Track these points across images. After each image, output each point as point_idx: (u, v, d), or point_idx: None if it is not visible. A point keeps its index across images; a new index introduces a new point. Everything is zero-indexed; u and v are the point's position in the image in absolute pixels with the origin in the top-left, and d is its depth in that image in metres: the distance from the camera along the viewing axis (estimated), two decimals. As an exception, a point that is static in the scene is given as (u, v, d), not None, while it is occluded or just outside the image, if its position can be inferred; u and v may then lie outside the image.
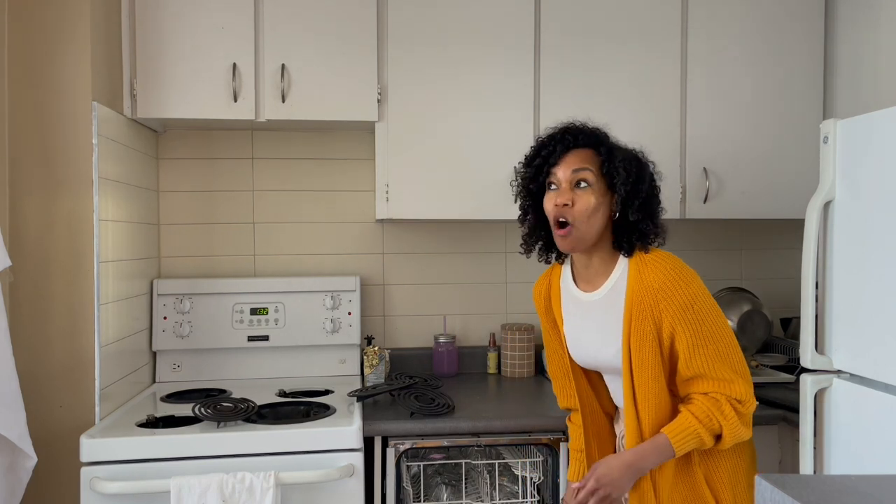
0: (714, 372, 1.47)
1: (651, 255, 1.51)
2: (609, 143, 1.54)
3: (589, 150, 1.52)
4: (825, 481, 0.74)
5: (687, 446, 1.46)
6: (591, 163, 1.50)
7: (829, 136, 1.68)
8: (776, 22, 2.42)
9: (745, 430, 1.48)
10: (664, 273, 1.46)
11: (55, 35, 1.92)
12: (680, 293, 1.45)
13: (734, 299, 2.60)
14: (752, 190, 2.41)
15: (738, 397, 1.46)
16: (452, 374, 2.57)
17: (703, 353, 1.47)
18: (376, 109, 2.28)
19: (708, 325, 1.46)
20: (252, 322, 2.46)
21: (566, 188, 1.49)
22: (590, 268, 1.57)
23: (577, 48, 2.33)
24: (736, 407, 1.46)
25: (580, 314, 1.60)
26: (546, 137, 1.56)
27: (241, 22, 2.22)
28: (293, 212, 2.62)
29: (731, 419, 1.45)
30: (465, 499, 2.07)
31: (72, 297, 1.93)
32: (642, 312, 1.48)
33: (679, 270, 1.47)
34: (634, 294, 1.49)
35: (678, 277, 1.46)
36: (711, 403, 1.45)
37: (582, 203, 1.48)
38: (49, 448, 1.91)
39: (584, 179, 1.49)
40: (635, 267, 1.50)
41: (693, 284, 1.47)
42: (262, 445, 1.84)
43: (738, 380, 1.47)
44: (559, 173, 1.51)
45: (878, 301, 1.53)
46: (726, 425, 1.44)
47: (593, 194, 1.49)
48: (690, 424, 1.45)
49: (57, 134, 1.92)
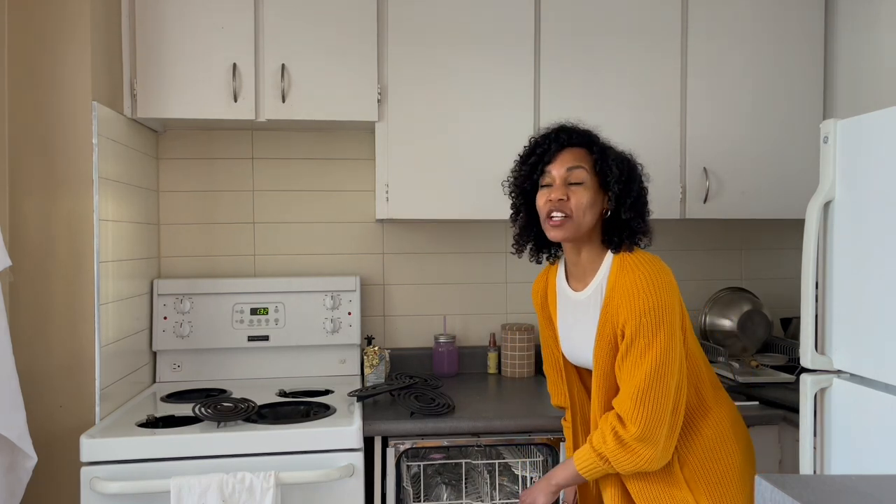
0: (625, 384, 1.46)
1: (634, 257, 1.52)
2: (601, 143, 1.58)
3: (582, 150, 1.56)
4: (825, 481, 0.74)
5: (593, 472, 1.50)
6: (584, 161, 1.54)
7: (829, 136, 1.68)
8: (776, 22, 2.42)
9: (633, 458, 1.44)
10: (637, 275, 1.47)
11: (55, 35, 1.92)
12: (642, 299, 1.45)
13: (734, 299, 2.60)
14: (752, 190, 2.41)
15: (622, 415, 1.44)
16: (452, 374, 2.57)
17: (631, 362, 1.45)
18: (376, 109, 2.28)
19: (644, 341, 1.44)
20: (252, 322, 2.46)
21: (560, 185, 1.53)
22: (578, 265, 1.60)
23: (577, 48, 2.33)
24: (617, 430, 1.44)
25: (571, 312, 1.63)
26: (540, 137, 1.60)
27: (241, 22, 2.22)
28: (293, 212, 2.62)
29: (610, 446, 1.44)
30: (465, 499, 2.07)
31: (72, 297, 1.93)
32: (608, 312, 1.50)
33: (653, 277, 1.46)
34: (609, 294, 1.52)
35: (649, 284, 1.46)
36: (602, 427, 1.48)
37: (577, 198, 1.52)
38: (49, 448, 1.91)
39: (578, 177, 1.53)
40: (616, 267, 1.53)
41: (660, 296, 1.45)
42: (262, 445, 1.84)
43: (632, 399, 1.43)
44: (554, 171, 1.54)
45: (878, 301, 1.53)
46: (607, 453, 1.46)
47: (587, 191, 1.53)
48: (588, 452, 1.49)
49: (57, 134, 1.92)
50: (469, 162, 2.31)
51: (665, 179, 2.36)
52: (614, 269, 1.53)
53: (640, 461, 1.44)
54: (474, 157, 2.31)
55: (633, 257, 1.52)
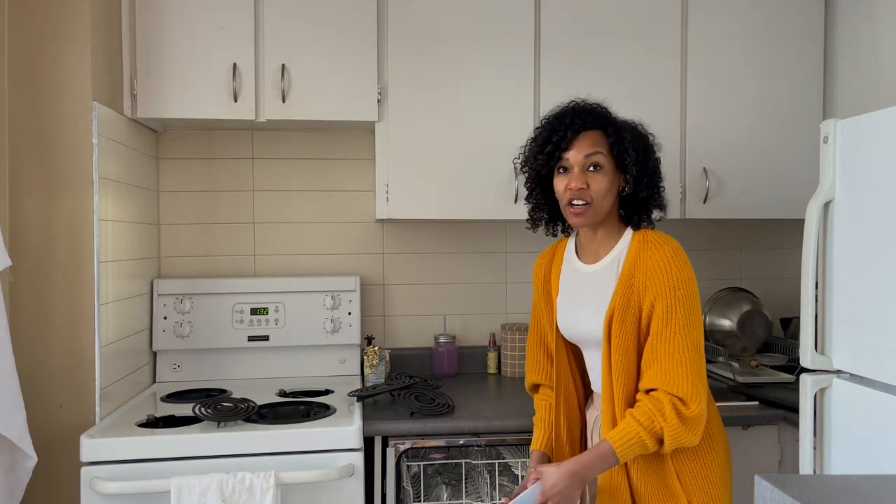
0: (669, 361, 1.44)
1: (655, 235, 1.55)
2: (616, 124, 1.57)
3: (598, 132, 1.56)
4: (825, 481, 0.74)
5: (630, 453, 1.43)
6: (601, 145, 1.54)
7: (829, 136, 1.68)
8: (776, 22, 2.42)
9: (690, 435, 1.43)
10: (662, 253, 1.50)
11: (55, 35, 1.92)
12: (671, 274, 1.47)
13: (734, 299, 2.60)
14: (752, 190, 2.41)
15: (682, 396, 1.42)
16: (452, 374, 2.57)
17: (669, 337, 1.45)
18: (376, 109, 2.28)
19: (683, 315, 1.46)
20: (252, 322, 2.46)
21: (579, 172, 1.53)
22: (594, 241, 1.61)
23: (576, 48, 2.33)
24: (679, 408, 1.42)
25: (577, 285, 1.62)
26: (554, 121, 1.58)
27: (241, 22, 2.22)
28: (293, 212, 2.62)
29: (671, 423, 1.41)
30: (465, 499, 2.07)
31: (72, 297, 1.93)
32: (632, 286, 1.50)
33: (677, 256, 1.50)
34: (630, 268, 1.52)
35: (674, 260, 1.49)
36: (654, 405, 1.43)
37: (596, 185, 1.52)
38: (49, 448, 1.91)
39: (596, 163, 1.53)
40: (637, 243, 1.54)
41: (685, 272, 1.48)
42: (262, 445, 1.84)
43: (688, 378, 1.43)
44: (571, 158, 1.54)
45: (878, 301, 1.53)
46: (667, 429, 1.41)
47: (606, 176, 1.53)
48: (633, 430, 1.42)
49: (57, 134, 1.92)
50: (469, 162, 2.31)
51: (665, 180, 2.35)
52: (635, 245, 1.54)
53: (696, 437, 1.44)
54: (474, 157, 2.31)
55: (654, 234, 1.55)
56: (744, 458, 2.04)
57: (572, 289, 1.64)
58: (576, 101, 1.61)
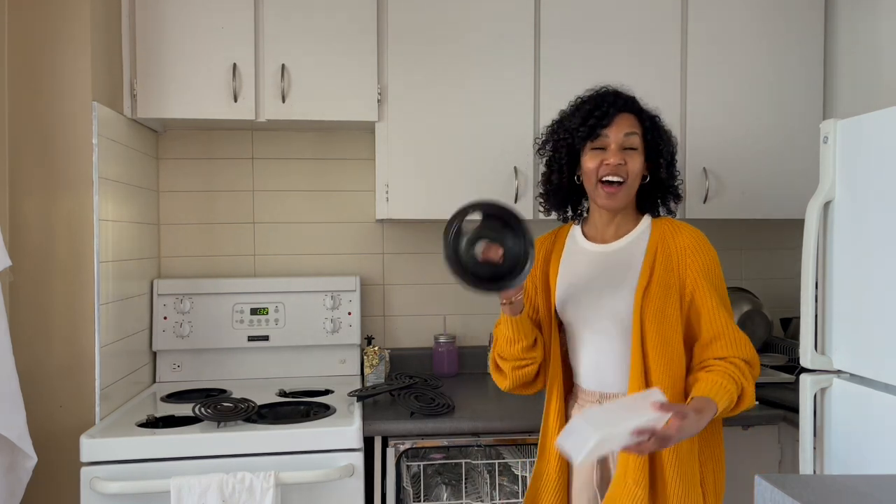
0: (731, 332, 1.52)
1: (679, 221, 1.62)
2: (646, 112, 1.63)
3: (633, 116, 1.60)
4: (825, 481, 0.74)
5: (723, 404, 1.43)
6: (637, 128, 1.59)
7: (829, 136, 1.68)
8: (776, 22, 2.42)
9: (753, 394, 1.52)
10: (694, 236, 1.58)
11: (55, 35, 1.92)
12: (706, 255, 1.57)
13: (734, 299, 2.60)
14: (752, 190, 2.41)
15: (750, 360, 1.51)
16: (452, 374, 2.57)
17: (724, 311, 1.54)
18: (376, 109, 2.28)
19: (723, 291, 1.57)
20: (252, 322, 2.46)
21: (616, 149, 1.56)
22: (611, 224, 1.64)
23: (576, 48, 2.33)
24: (748, 373, 1.50)
25: (586, 265, 1.63)
26: (597, 97, 1.61)
27: (241, 22, 2.22)
28: (293, 212, 2.62)
29: (750, 381, 1.49)
30: (465, 499, 2.07)
31: (72, 297, 1.93)
32: (669, 267, 1.55)
33: (705, 239, 1.60)
34: (661, 250, 1.57)
35: (705, 243, 1.59)
36: (732, 366, 1.48)
37: (632, 164, 1.57)
38: (49, 448, 1.91)
39: (633, 143, 1.58)
40: (661, 228, 1.60)
41: (714, 253, 1.59)
42: (262, 445, 1.84)
43: (750, 345, 1.53)
44: (612, 134, 1.57)
45: (878, 301, 1.53)
46: (748, 386, 1.48)
47: (640, 157, 1.58)
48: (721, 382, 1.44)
49: (57, 134, 1.92)
50: (469, 162, 2.31)
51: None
52: (658, 229, 1.60)
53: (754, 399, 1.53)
54: (474, 157, 2.31)
55: (679, 222, 1.62)
56: (744, 458, 2.04)
57: (580, 268, 1.64)
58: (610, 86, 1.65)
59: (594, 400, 1.60)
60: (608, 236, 1.65)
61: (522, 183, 2.32)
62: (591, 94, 1.63)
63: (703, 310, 1.53)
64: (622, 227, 1.64)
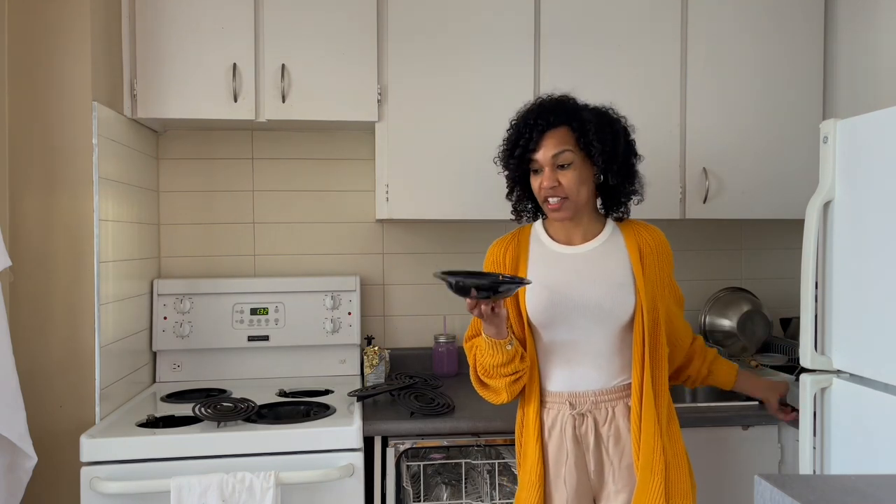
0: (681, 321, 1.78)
1: (641, 221, 1.71)
2: (580, 117, 1.59)
3: (564, 129, 1.59)
4: (825, 481, 0.74)
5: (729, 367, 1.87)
6: (567, 143, 1.58)
7: (829, 136, 1.68)
8: (776, 22, 2.42)
9: None
10: (657, 232, 1.69)
11: (55, 35, 1.92)
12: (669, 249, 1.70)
13: (734, 299, 2.60)
14: (752, 190, 2.41)
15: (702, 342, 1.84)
16: (452, 374, 2.57)
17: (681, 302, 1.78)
18: (376, 109, 2.28)
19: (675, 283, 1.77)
20: (252, 322, 2.46)
21: (549, 172, 1.58)
22: (578, 226, 1.66)
23: (576, 48, 2.33)
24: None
25: (562, 266, 1.62)
26: (521, 123, 1.62)
27: (241, 22, 2.22)
28: (293, 212, 2.62)
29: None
30: (464, 499, 2.07)
31: (72, 297, 1.93)
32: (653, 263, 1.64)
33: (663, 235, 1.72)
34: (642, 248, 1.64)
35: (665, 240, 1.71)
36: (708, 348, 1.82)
37: (567, 181, 1.58)
38: (49, 448, 1.91)
39: (564, 160, 1.58)
40: (627, 227, 1.68)
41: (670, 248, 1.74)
42: (262, 445, 1.84)
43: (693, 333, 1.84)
44: (540, 159, 1.59)
45: (878, 301, 1.53)
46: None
47: (575, 170, 1.58)
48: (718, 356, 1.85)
49: (57, 134, 1.92)
50: (469, 162, 2.31)
51: (665, 179, 2.36)
52: (627, 229, 1.67)
53: None
54: (474, 157, 2.31)
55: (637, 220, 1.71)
56: (744, 458, 2.04)
57: (562, 270, 1.62)
58: (542, 97, 1.65)
59: (562, 401, 1.60)
60: (575, 239, 1.66)
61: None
62: (518, 117, 1.64)
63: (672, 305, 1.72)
64: (589, 231, 1.66)
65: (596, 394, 1.59)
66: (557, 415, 1.61)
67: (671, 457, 1.57)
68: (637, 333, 1.59)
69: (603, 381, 1.60)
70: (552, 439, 1.61)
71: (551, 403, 1.62)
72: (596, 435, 1.58)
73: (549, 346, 1.63)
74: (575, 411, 1.59)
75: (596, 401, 1.59)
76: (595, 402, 1.59)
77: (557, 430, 1.60)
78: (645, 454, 1.55)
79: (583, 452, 1.59)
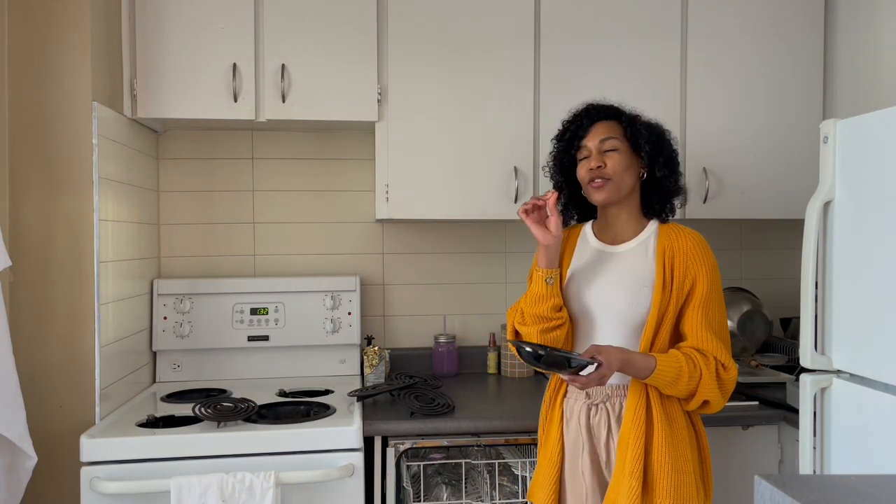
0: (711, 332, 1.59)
1: (682, 226, 1.69)
2: (628, 113, 1.71)
3: (612, 122, 1.70)
4: (825, 481, 0.74)
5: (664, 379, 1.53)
6: (615, 131, 1.68)
7: (829, 136, 1.68)
8: (776, 22, 2.42)
9: (719, 396, 1.57)
10: (697, 239, 1.65)
11: (55, 35, 1.92)
12: (709, 258, 1.64)
13: (734, 299, 2.60)
14: (752, 190, 2.41)
15: (724, 362, 1.58)
16: (452, 374, 2.57)
17: (711, 312, 1.60)
18: (376, 109, 2.28)
19: (719, 296, 1.64)
20: (252, 322, 2.46)
21: (596, 154, 1.66)
22: (617, 224, 1.71)
23: (576, 48, 2.33)
24: (719, 369, 1.57)
25: (600, 262, 1.70)
26: (572, 116, 1.75)
27: (241, 22, 2.22)
28: (293, 212, 2.62)
29: (711, 373, 1.55)
30: (465, 499, 2.07)
31: (72, 297, 1.93)
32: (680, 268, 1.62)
33: (706, 242, 1.67)
34: (668, 251, 1.63)
35: (707, 247, 1.66)
36: (700, 355, 1.56)
37: (613, 163, 1.64)
38: (49, 448, 1.91)
39: (611, 145, 1.66)
40: (666, 231, 1.67)
41: (714, 258, 1.66)
42: (262, 445, 1.84)
43: (727, 349, 1.60)
44: (589, 143, 1.68)
45: (878, 301, 1.53)
46: (706, 375, 1.54)
47: (621, 155, 1.66)
48: (678, 360, 1.54)
49: (57, 134, 1.92)
50: (469, 162, 2.31)
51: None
52: (665, 233, 1.67)
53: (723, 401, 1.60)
54: (474, 157, 2.31)
55: (681, 226, 1.69)
56: (744, 458, 2.04)
57: (593, 264, 1.70)
58: (593, 101, 1.77)
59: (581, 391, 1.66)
60: (615, 238, 1.72)
61: (522, 183, 2.32)
62: (571, 114, 1.76)
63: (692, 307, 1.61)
64: (630, 227, 1.70)
65: (611, 387, 1.64)
66: (576, 403, 1.67)
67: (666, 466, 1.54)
68: (645, 335, 1.61)
69: (618, 375, 1.63)
70: (570, 429, 1.67)
71: (571, 391, 1.69)
72: (608, 428, 1.62)
73: (580, 334, 1.71)
74: (590, 401, 1.65)
75: (609, 394, 1.64)
76: (608, 395, 1.64)
77: (575, 419, 1.66)
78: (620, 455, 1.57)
79: (594, 445, 1.63)
